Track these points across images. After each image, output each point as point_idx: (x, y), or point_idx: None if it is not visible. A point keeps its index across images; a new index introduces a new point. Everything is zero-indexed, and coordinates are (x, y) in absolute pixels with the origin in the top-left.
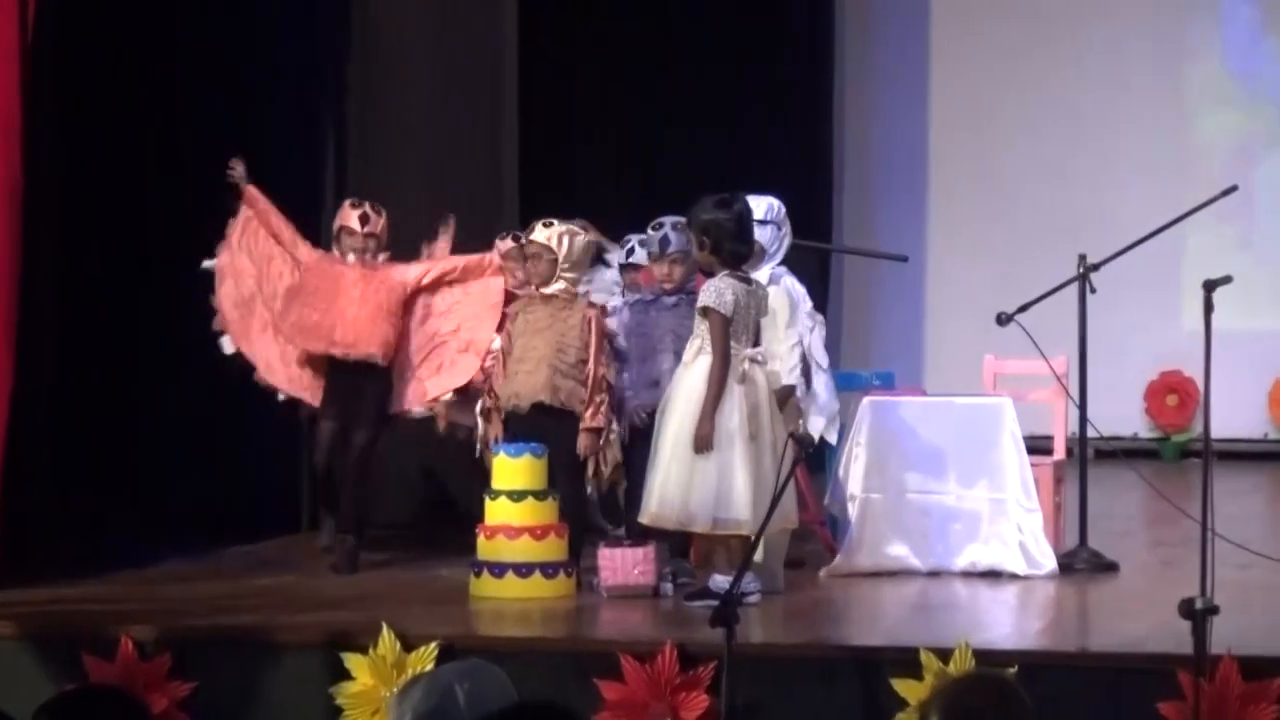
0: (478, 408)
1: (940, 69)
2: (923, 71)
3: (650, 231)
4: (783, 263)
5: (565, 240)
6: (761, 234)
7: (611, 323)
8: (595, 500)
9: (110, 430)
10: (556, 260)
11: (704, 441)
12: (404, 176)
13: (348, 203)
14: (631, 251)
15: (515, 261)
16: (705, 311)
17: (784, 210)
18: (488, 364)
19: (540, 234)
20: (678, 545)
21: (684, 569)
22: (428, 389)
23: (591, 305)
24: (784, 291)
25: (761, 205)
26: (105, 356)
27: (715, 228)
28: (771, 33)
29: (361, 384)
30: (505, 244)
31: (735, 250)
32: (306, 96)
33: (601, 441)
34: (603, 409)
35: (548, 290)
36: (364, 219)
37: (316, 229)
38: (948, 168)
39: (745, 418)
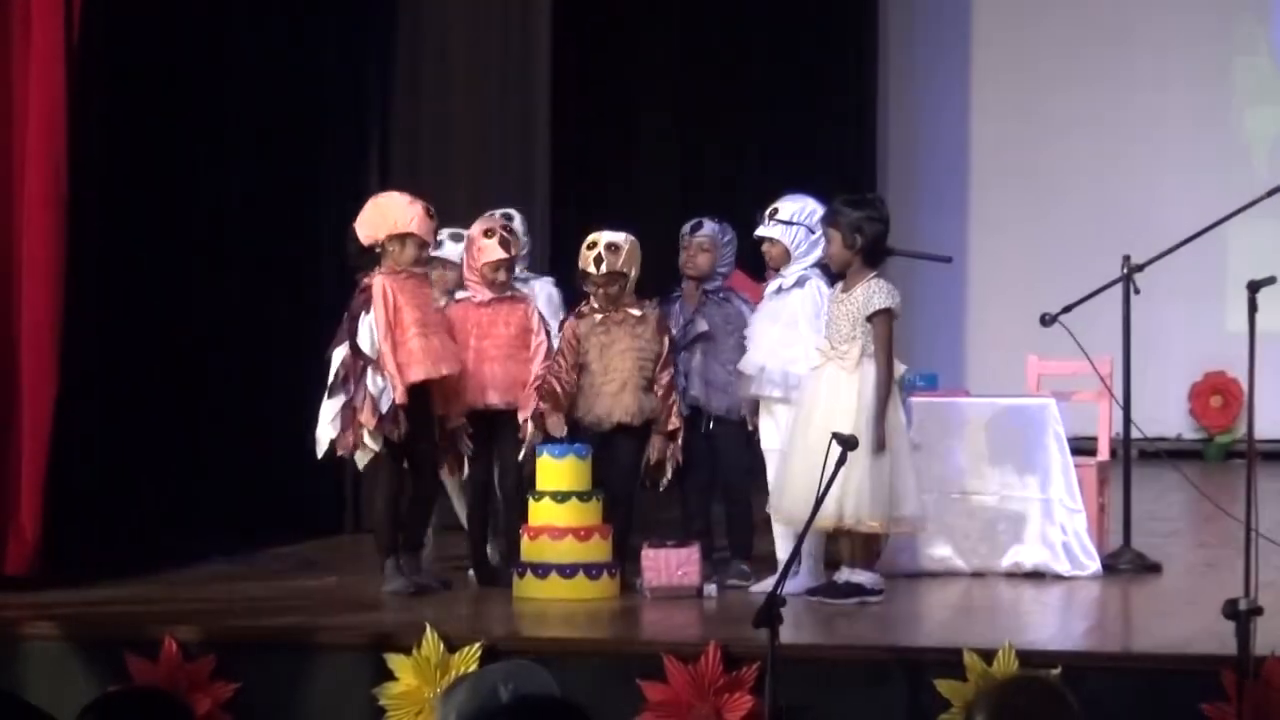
0: (529, 412)
1: (983, 67)
2: (965, 70)
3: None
4: (816, 265)
5: (635, 265)
6: (787, 235)
7: None
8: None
9: (154, 431)
10: (630, 280)
11: (882, 441)
12: (448, 174)
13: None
14: (440, 245)
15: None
16: (874, 315)
17: (820, 214)
18: (538, 370)
19: (613, 260)
20: (740, 547)
21: (740, 570)
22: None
23: (655, 312)
24: (810, 294)
25: (793, 207)
26: (149, 358)
27: (868, 226)
28: (814, 31)
29: None
30: (493, 231)
31: (883, 251)
32: (353, 93)
33: (676, 445)
34: (676, 411)
35: (619, 308)
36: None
37: None
38: (991, 167)
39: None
